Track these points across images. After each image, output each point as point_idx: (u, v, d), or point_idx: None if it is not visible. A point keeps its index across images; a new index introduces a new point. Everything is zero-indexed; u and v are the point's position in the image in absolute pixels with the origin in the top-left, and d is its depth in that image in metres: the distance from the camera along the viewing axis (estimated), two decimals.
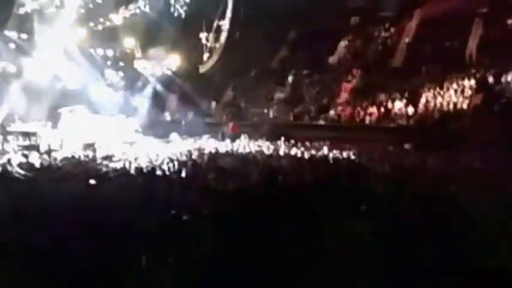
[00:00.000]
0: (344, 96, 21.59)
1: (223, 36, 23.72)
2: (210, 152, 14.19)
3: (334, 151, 14.65)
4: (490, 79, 18.22)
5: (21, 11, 20.97)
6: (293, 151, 15.25)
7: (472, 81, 18.54)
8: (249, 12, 23.11)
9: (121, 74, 24.40)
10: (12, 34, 20.81)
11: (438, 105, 18.67)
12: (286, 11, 21.50)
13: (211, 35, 24.32)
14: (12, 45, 21.22)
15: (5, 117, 19.58)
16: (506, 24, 19.13)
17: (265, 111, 22.86)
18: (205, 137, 20.58)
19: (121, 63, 24.56)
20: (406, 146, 15.48)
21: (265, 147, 16.49)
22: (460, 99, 18.44)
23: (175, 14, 24.12)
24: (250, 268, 4.12)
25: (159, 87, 24.58)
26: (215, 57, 24.00)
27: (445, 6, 20.37)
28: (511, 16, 18.96)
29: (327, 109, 21.32)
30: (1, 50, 20.85)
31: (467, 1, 19.93)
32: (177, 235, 4.79)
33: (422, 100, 19.18)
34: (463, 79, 19.01)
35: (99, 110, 21.52)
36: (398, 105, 19.52)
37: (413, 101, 19.33)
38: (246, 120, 22.68)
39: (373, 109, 19.96)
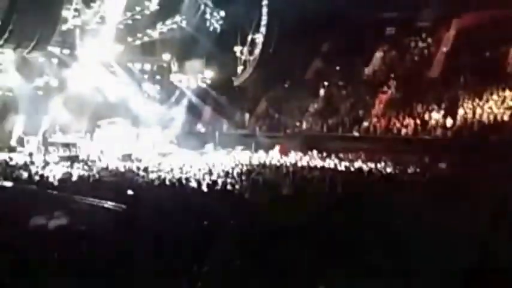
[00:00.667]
0: (379, 107, 21.29)
1: (257, 49, 23.91)
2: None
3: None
4: None
5: (64, 27, 21.79)
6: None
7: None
8: (283, 24, 23.25)
9: (158, 87, 24.93)
10: (55, 49, 21.61)
11: (477, 116, 18.15)
12: (320, 22, 21.52)
13: (245, 48, 24.54)
14: (55, 60, 22.01)
15: (47, 129, 20.33)
16: None
17: (299, 123, 22.79)
18: (239, 148, 20.76)
19: (158, 77, 25.11)
20: (442, 165, 14.87)
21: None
22: (500, 110, 17.90)
23: (211, 29, 24.52)
24: None
25: (194, 99, 24.97)
26: (249, 70, 24.18)
27: (483, 15, 19.95)
28: None
29: (361, 120, 21.07)
30: (45, 65, 21.66)
31: (506, 10, 19.40)
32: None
33: (461, 111, 18.69)
34: (502, 90, 18.47)
35: (136, 122, 22.10)
36: (436, 117, 19.10)
37: (451, 112, 18.87)
38: (280, 131, 22.73)
39: (409, 120, 19.59)
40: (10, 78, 20.34)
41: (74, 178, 12.06)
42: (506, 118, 17.52)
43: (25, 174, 12.36)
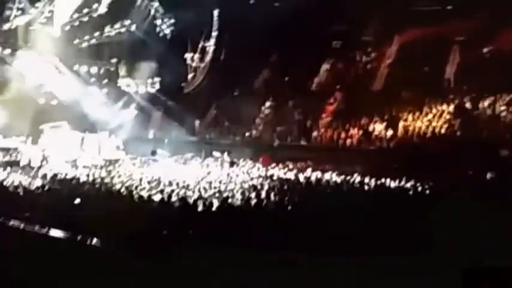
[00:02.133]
0: (326, 118, 21.97)
1: (208, 57, 24.01)
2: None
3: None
4: (467, 104, 18.93)
5: (6, 26, 20.94)
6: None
7: (450, 107, 19.19)
8: (234, 33, 23.52)
9: (105, 91, 24.36)
10: None
11: (417, 129, 19.20)
12: (270, 32, 21.90)
13: (196, 55, 24.57)
14: None
15: None
16: (483, 51, 19.88)
17: (248, 131, 23.09)
18: (189, 155, 20.69)
19: (105, 81, 24.54)
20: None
21: None
22: (438, 123, 19.02)
23: (161, 34, 24.37)
24: None
25: (142, 104, 24.63)
26: (200, 77, 24.23)
27: (424, 32, 21.03)
28: (486, 43, 19.72)
29: (309, 130, 21.67)
30: None
31: (445, 28, 20.59)
32: None
33: (402, 124, 19.69)
34: (441, 104, 19.64)
35: (81, 126, 21.49)
36: (379, 128, 20.00)
37: (392, 124, 19.83)
38: (228, 139, 22.94)
39: (353, 131, 20.39)
40: None
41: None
42: (443, 130, 18.64)
43: None
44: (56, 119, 20.86)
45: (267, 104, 23.69)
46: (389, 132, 19.59)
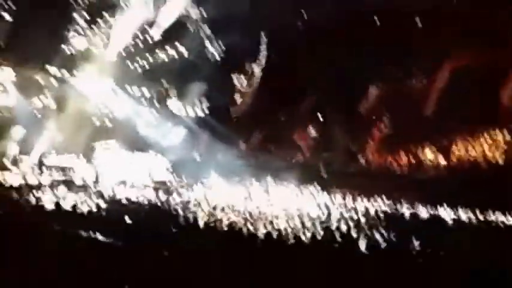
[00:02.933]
0: (374, 143, 21.58)
1: (256, 80, 24.25)
2: None
3: None
4: None
5: (64, 48, 22.00)
6: None
7: (506, 134, 18.42)
8: (282, 57, 23.69)
9: (155, 112, 25.02)
10: (55, 70, 21.72)
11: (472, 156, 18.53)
12: (318, 55, 21.89)
13: (244, 79, 24.89)
14: (54, 81, 22.06)
15: (42, 150, 20.19)
16: None
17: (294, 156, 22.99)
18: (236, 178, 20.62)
19: (156, 103, 25.23)
20: None
21: None
22: (492, 150, 18.29)
23: (210, 57, 24.89)
24: None
25: (191, 127, 25.07)
26: (247, 101, 24.46)
27: (479, 54, 20.42)
28: None
29: (356, 156, 21.33)
30: (44, 85, 21.71)
31: (500, 51, 19.92)
32: None
33: (455, 150, 19.05)
34: (498, 129, 18.86)
35: (132, 146, 22.08)
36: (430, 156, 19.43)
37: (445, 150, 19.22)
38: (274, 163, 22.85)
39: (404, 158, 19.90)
40: (9, 98, 20.33)
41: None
42: (498, 158, 17.89)
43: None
44: (108, 138, 21.57)
45: (314, 128, 23.54)
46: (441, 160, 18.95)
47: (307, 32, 22.96)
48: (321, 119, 24.02)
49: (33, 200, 12.36)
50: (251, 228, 9.74)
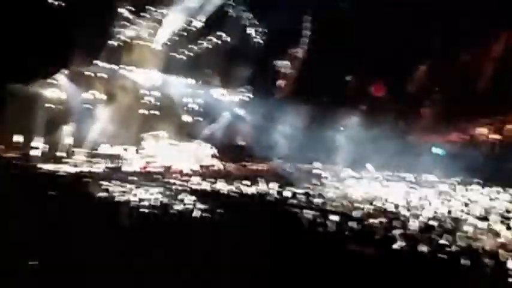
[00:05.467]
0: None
1: (298, 64, 23.97)
2: None
3: None
4: None
5: (112, 42, 22.63)
6: None
7: None
8: (325, 39, 23.21)
9: (200, 100, 25.33)
10: (103, 63, 22.43)
11: None
12: (363, 35, 21.29)
13: (287, 63, 24.67)
14: (103, 74, 22.78)
15: (94, 141, 21.00)
16: None
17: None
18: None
19: (201, 91, 25.54)
20: None
21: None
22: None
23: (253, 43, 24.80)
24: None
25: (235, 113, 25.21)
26: (290, 83, 24.23)
27: None
28: None
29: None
30: (94, 78, 22.48)
31: None
32: None
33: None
34: None
35: (178, 135, 22.51)
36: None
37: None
38: None
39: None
40: (62, 91, 21.25)
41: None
42: None
43: None
44: (156, 128, 22.09)
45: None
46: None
47: (350, 11, 22.37)
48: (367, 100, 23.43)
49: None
50: None
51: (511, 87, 19.31)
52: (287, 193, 11.22)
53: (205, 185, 13.16)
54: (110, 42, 22.42)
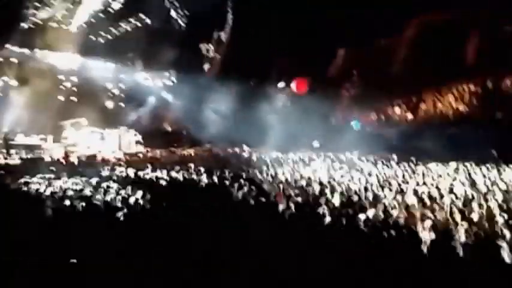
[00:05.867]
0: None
1: (223, 47, 23.93)
2: None
3: None
4: (489, 85, 18.45)
5: (24, 24, 21.24)
6: None
7: (472, 88, 18.75)
8: (248, 23, 23.32)
9: (123, 85, 24.54)
10: (14, 48, 21.03)
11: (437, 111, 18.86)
12: (285, 20, 21.66)
13: (211, 46, 24.53)
14: (14, 60, 21.38)
15: (8, 131, 19.72)
16: (503, 31, 19.32)
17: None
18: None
19: (122, 75, 24.72)
20: None
21: None
22: (459, 105, 18.62)
23: (176, 26, 24.37)
24: None
25: (160, 98, 24.76)
26: (216, 66, 24.18)
27: (443, 15, 20.52)
28: (507, 22, 19.15)
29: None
30: (4, 65, 21.04)
31: (465, 9, 20.06)
32: None
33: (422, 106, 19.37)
34: (462, 85, 19.20)
35: (100, 122, 21.76)
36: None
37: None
38: None
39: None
40: None
41: None
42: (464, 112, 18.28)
43: None
44: (75, 116, 21.17)
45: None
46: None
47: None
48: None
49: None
50: None
51: (422, 70, 20.67)
52: (215, 178, 11.28)
53: (131, 173, 12.86)
54: (21, 24, 21.04)
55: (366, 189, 9.20)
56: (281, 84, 23.23)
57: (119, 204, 7.93)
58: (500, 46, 18.39)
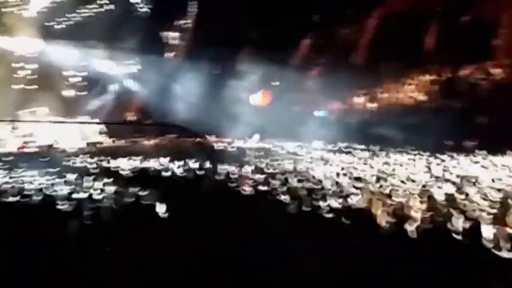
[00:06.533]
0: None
1: (186, 35, 23.65)
2: None
3: None
4: (447, 74, 19.03)
5: None
6: None
7: (430, 77, 19.28)
8: (212, 10, 23.09)
9: (84, 73, 23.86)
10: None
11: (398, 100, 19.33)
12: (249, 8, 21.58)
13: (174, 34, 24.18)
14: None
15: None
16: (461, 20, 19.89)
17: None
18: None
19: (83, 63, 24.01)
20: None
21: None
22: (419, 94, 19.15)
23: (139, 13, 23.87)
24: None
25: (122, 86, 24.24)
26: (180, 55, 23.88)
27: (402, 3, 20.91)
28: (465, 13, 19.72)
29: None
30: None
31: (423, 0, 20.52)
32: None
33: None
34: (421, 75, 19.71)
35: (61, 111, 21.23)
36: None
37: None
38: None
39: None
40: None
41: None
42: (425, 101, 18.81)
43: None
44: (34, 105, 20.53)
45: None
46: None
47: None
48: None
49: None
50: None
51: (383, 60, 21.09)
52: (179, 168, 11.23)
53: (92, 163, 12.63)
54: None
55: (326, 177, 9.39)
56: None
57: (80, 196, 7.79)
58: (457, 36, 18.97)
